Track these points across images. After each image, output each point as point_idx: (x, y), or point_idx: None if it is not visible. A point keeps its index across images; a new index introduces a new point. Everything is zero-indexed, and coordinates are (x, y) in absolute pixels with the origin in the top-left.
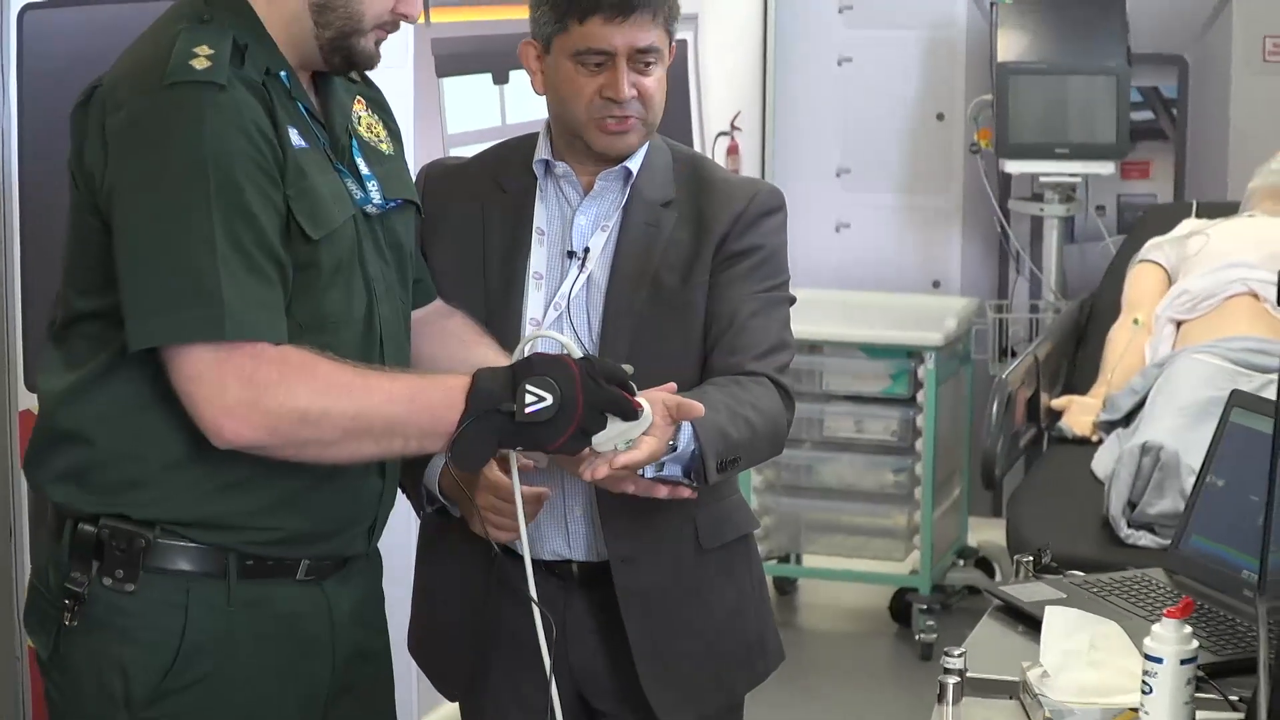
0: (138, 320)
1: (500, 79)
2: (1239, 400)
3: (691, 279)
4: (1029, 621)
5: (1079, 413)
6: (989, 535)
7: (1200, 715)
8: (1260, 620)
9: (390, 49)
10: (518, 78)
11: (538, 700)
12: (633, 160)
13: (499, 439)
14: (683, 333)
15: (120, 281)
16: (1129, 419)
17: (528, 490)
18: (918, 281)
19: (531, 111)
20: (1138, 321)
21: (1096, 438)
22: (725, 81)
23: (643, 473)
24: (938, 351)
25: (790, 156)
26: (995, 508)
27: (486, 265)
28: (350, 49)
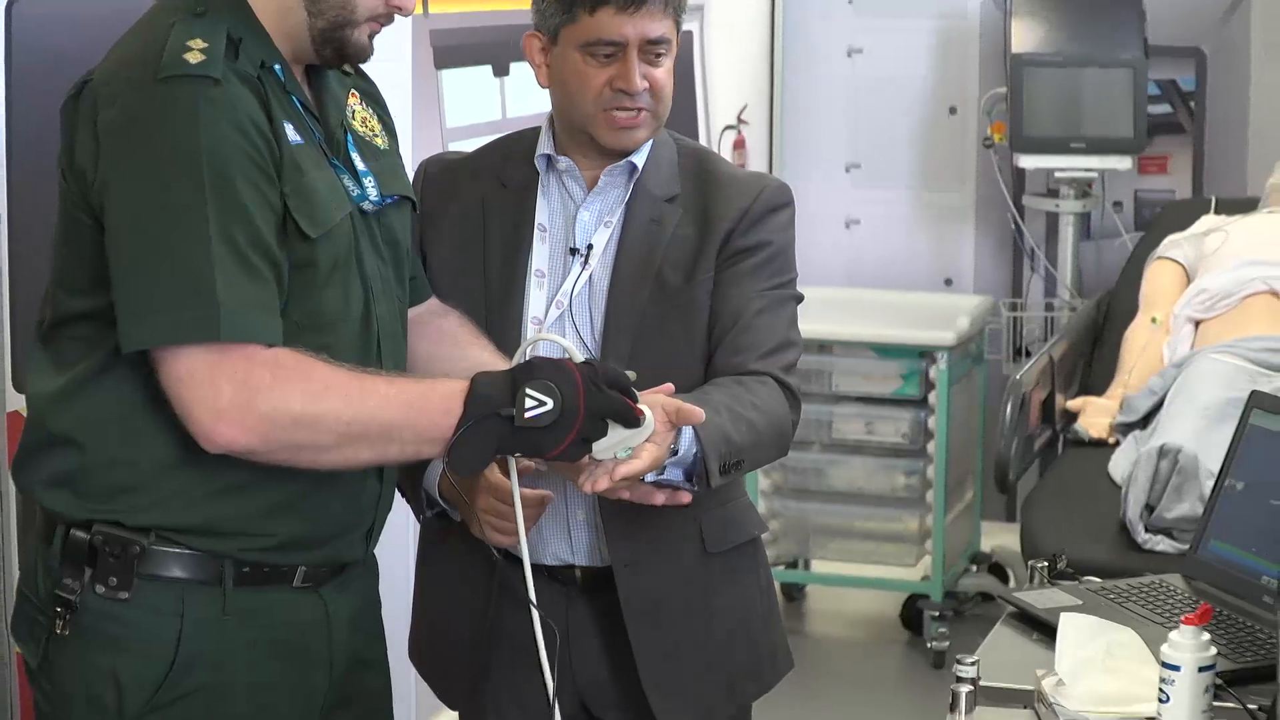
0: (130, 320)
1: (501, 71)
2: (1259, 401)
3: (696, 276)
4: (1044, 629)
5: (1095, 414)
6: (1003, 540)
7: None
8: None
9: (388, 40)
10: (519, 70)
11: (540, 708)
12: (638, 155)
13: (497, 444)
14: (686, 331)
15: (112, 281)
16: (1146, 421)
17: (530, 493)
18: (929, 279)
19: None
20: (1155, 320)
21: (1113, 440)
22: (732, 74)
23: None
24: (950, 351)
25: (798, 151)
26: (1009, 512)
27: (487, 263)
28: (343, 41)
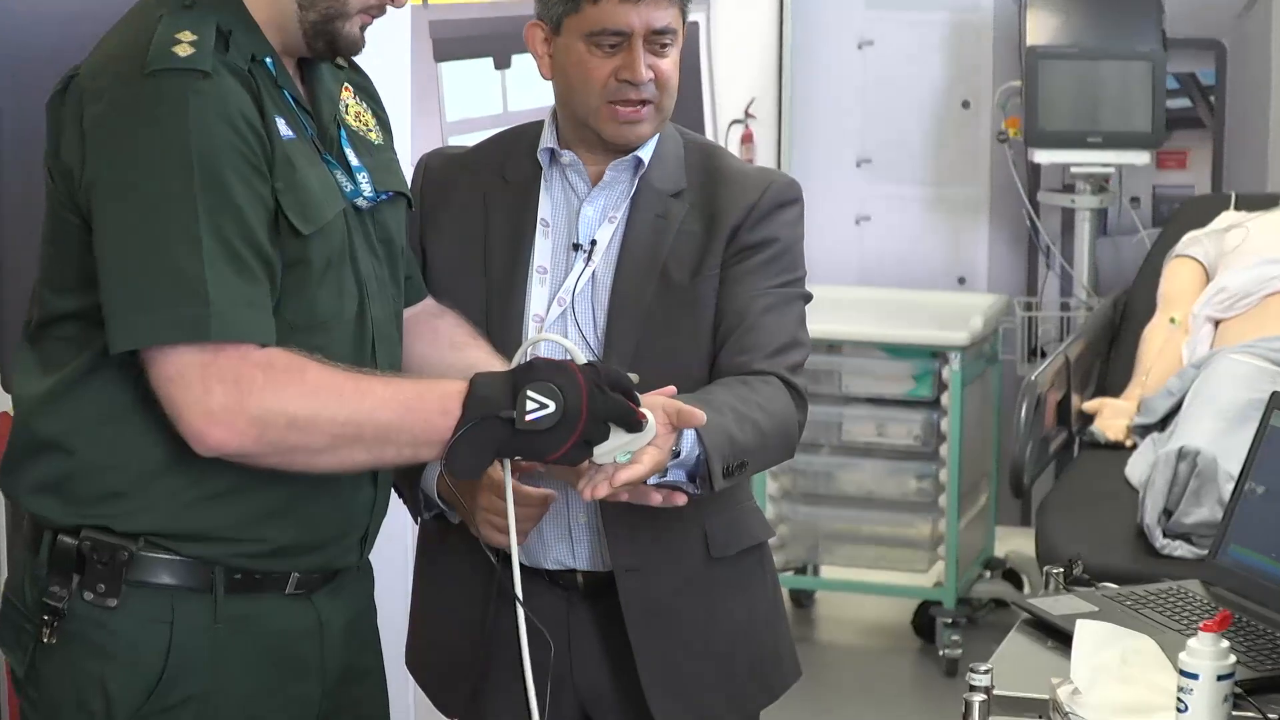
0: (119, 320)
1: (502, 64)
2: None
3: (701, 273)
4: (1059, 636)
5: (1112, 416)
6: (1017, 545)
7: None
8: None
9: (386, 33)
10: (520, 62)
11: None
12: (643, 149)
13: (497, 447)
14: (691, 329)
15: (100, 280)
16: (1165, 423)
17: (532, 492)
18: (942, 278)
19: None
20: (1174, 320)
21: (1130, 442)
22: (739, 66)
23: None
24: (963, 352)
25: (808, 146)
26: (1024, 516)
27: (488, 258)
28: (334, 34)
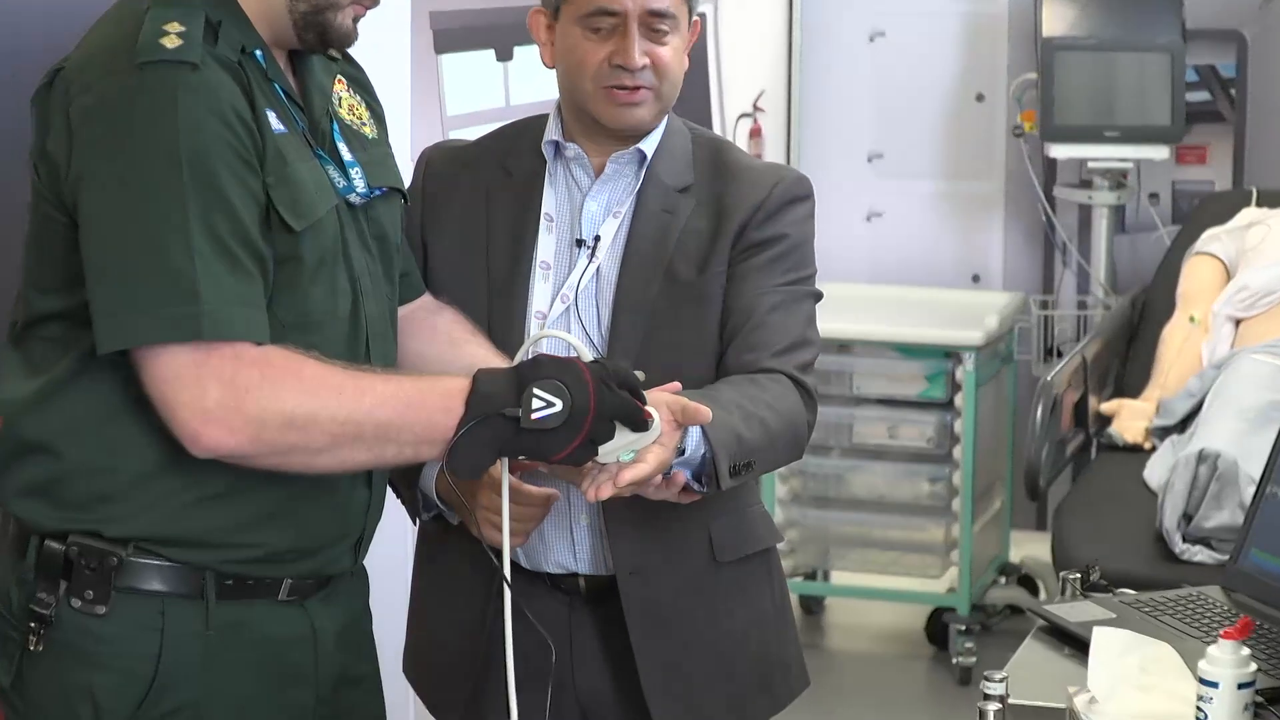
0: (107, 320)
1: (504, 55)
2: None
3: (708, 269)
4: (1076, 643)
5: (1130, 418)
6: (1033, 550)
7: None
8: None
9: (385, 24)
10: (522, 54)
11: None
12: (647, 142)
13: (500, 446)
14: (698, 327)
15: (87, 278)
16: (1184, 424)
17: (536, 491)
18: (956, 275)
19: (538, 91)
20: (1194, 319)
21: (1149, 445)
22: (748, 58)
23: None
24: (977, 351)
25: (818, 140)
26: (1039, 520)
27: (490, 254)
28: (325, 25)
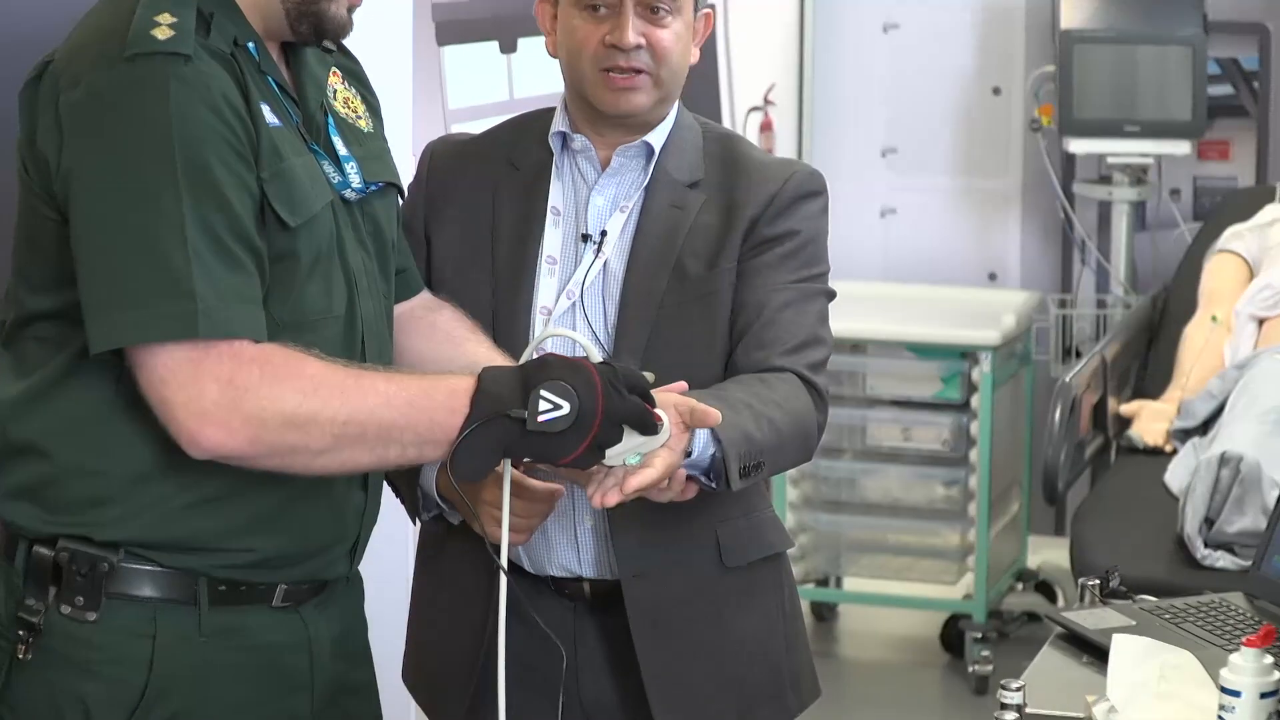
0: (100, 318)
1: (508, 48)
2: None
3: (718, 265)
4: (1094, 651)
5: (1150, 420)
6: (1050, 556)
7: None
8: None
9: (386, 15)
10: (527, 46)
11: None
12: (655, 135)
13: (505, 448)
14: (706, 324)
15: (79, 276)
16: (1206, 427)
17: (541, 487)
18: (972, 274)
19: (543, 85)
20: (1216, 319)
21: (1170, 448)
22: (758, 50)
23: None
24: (994, 351)
25: (830, 135)
26: (1058, 525)
27: (495, 248)
28: (319, 16)
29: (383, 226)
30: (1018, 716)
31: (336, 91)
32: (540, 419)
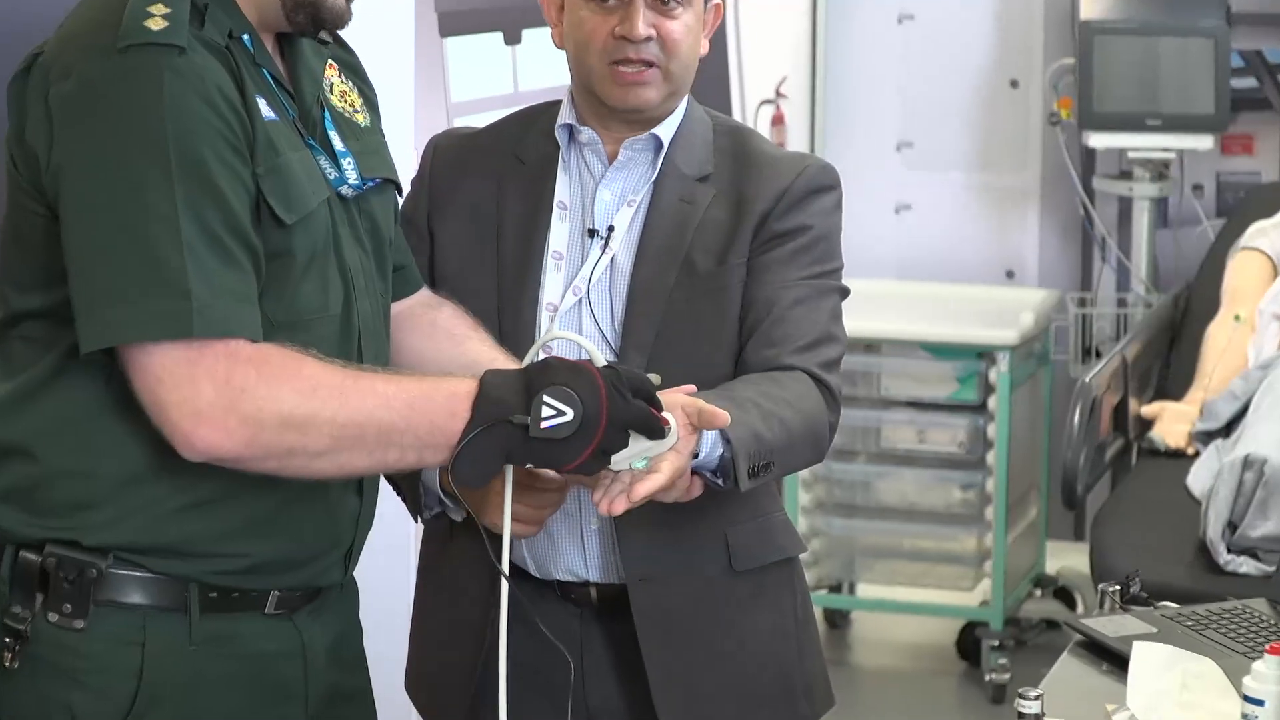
0: (91, 317)
1: (513, 39)
2: None
3: (727, 261)
4: (1114, 659)
5: (1172, 421)
6: (1070, 561)
7: None
8: None
9: (387, 5)
10: (532, 37)
11: None
12: (663, 128)
13: (507, 454)
14: (716, 321)
15: (69, 274)
16: (1229, 428)
17: (552, 476)
18: (989, 271)
19: (548, 77)
20: (1239, 318)
21: (1192, 450)
22: (769, 41)
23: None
24: (1012, 351)
25: (843, 128)
26: (1077, 530)
27: (500, 244)
28: (316, 5)
29: (380, 224)
30: None
31: (333, 85)
32: (543, 425)
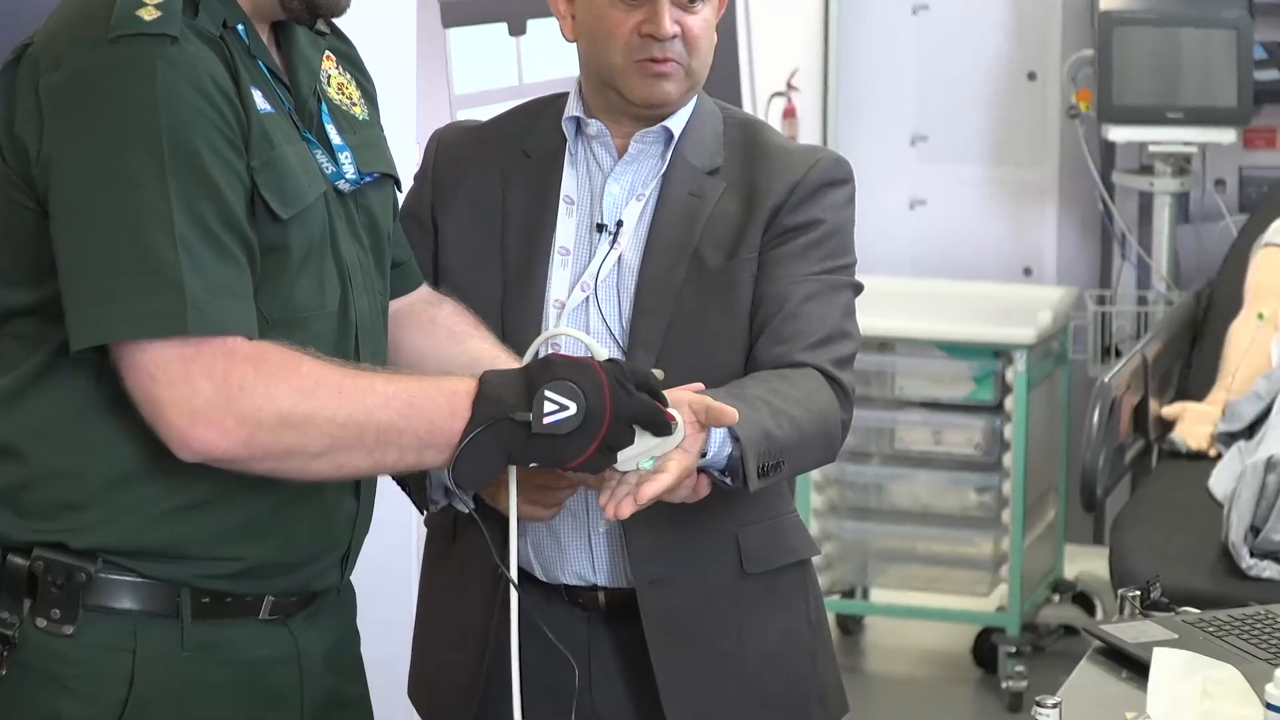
0: (82, 314)
1: (517, 29)
2: None
3: (738, 255)
4: (1134, 666)
5: (1194, 422)
6: (1089, 566)
7: None
8: None
9: None
10: (537, 28)
11: None
12: (674, 121)
13: (509, 453)
14: (726, 318)
15: (60, 269)
16: (1252, 430)
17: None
18: (1006, 268)
19: (553, 69)
20: (1263, 316)
21: (1214, 452)
22: (781, 32)
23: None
24: (1029, 350)
25: (857, 121)
26: (1096, 534)
27: (505, 239)
28: None
29: (378, 219)
30: None
31: (330, 76)
32: (546, 421)
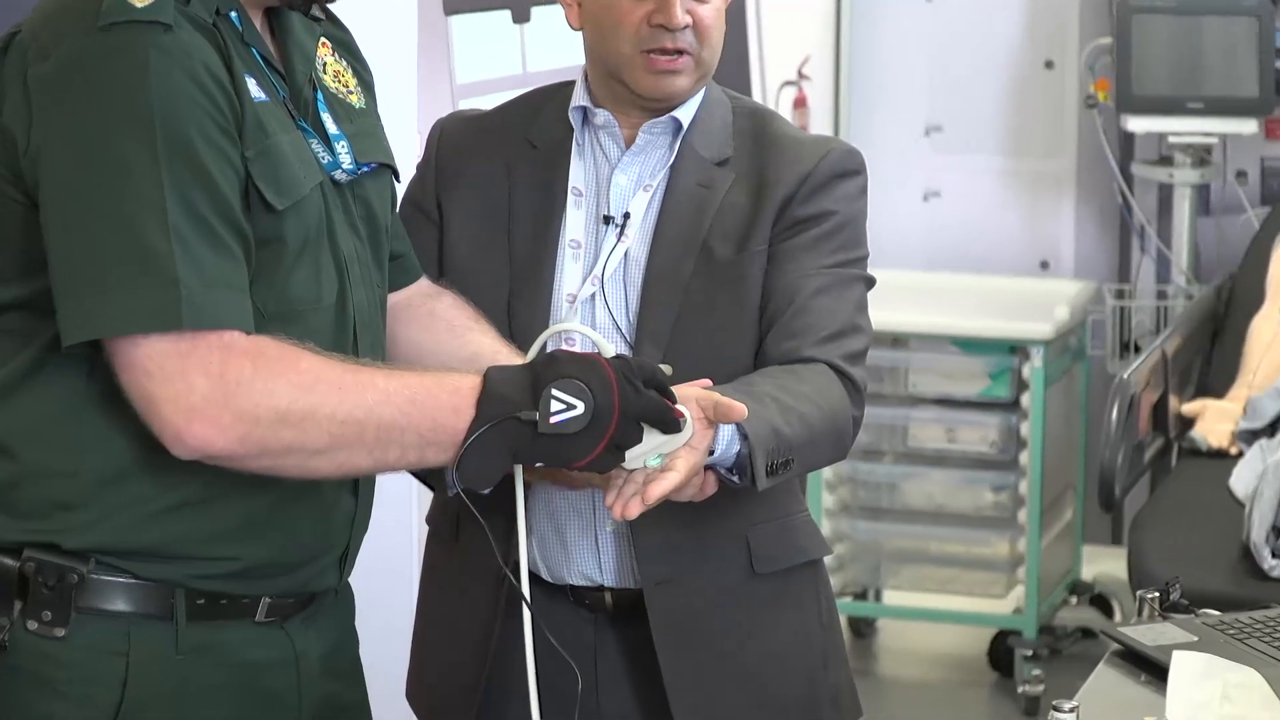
0: (73, 308)
1: (521, 17)
2: None
3: (747, 248)
4: (1153, 669)
5: (1214, 420)
6: (1107, 567)
7: None
8: None
9: None
10: (541, 15)
11: None
12: (683, 111)
13: (515, 452)
14: (735, 311)
15: (50, 263)
16: (1274, 427)
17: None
18: (1022, 262)
19: (558, 57)
20: None
21: (1235, 450)
22: (791, 20)
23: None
24: (1046, 346)
25: (869, 111)
26: (1114, 534)
27: (512, 232)
28: None
29: (375, 210)
30: None
31: (326, 64)
32: (553, 420)
